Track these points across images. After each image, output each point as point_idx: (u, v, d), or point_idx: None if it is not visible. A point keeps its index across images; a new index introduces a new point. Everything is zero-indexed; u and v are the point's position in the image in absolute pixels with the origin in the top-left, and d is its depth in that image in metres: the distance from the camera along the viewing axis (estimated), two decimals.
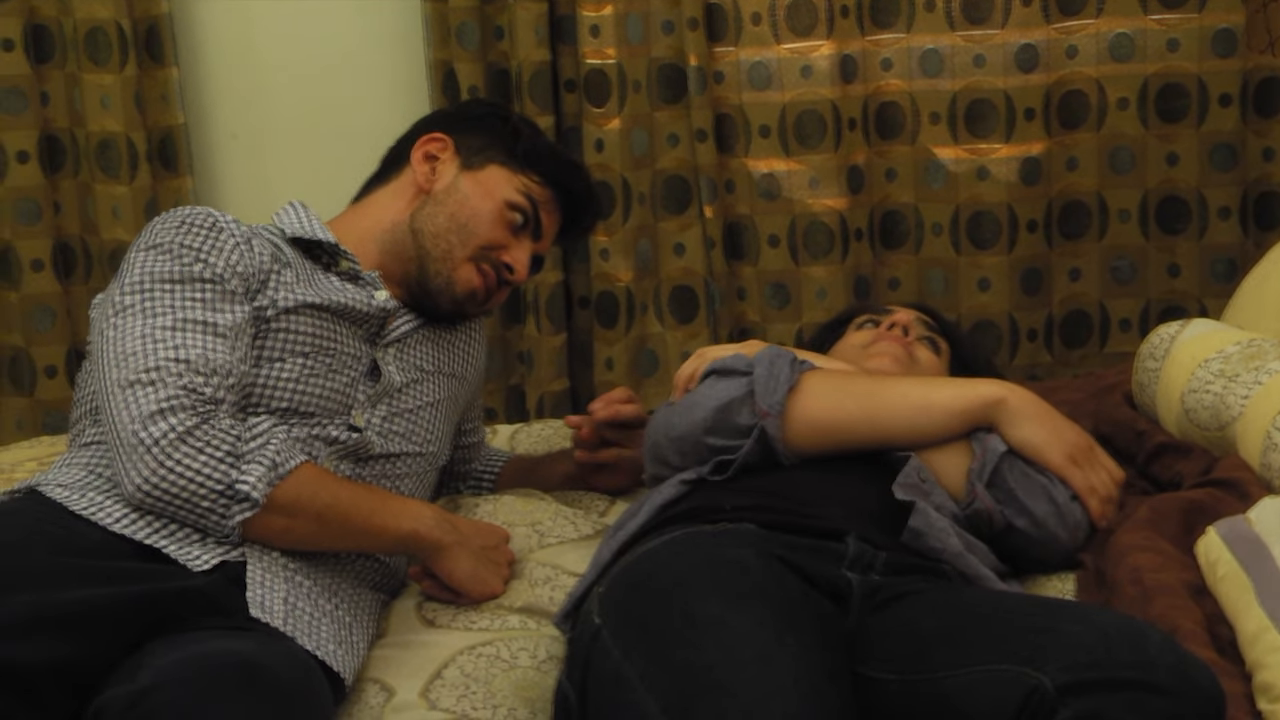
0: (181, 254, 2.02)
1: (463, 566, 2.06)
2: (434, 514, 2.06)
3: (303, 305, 2.08)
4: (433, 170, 2.30)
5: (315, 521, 1.94)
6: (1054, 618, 1.66)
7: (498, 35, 3.31)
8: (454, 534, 2.06)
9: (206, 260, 2.02)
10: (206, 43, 3.48)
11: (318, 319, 2.10)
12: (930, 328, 2.47)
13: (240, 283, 2.04)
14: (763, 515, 1.94)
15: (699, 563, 1.80)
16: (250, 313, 2.03)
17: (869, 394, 2.14)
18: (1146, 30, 3.16)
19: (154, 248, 2.04)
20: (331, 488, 1.97)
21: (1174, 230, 3.26)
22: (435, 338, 2.31)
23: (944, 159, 3.27)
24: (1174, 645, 1.60)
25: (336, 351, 2.11)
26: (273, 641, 1.80)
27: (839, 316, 2.61)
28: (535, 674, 1.92)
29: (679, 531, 1.94)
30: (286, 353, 2.05)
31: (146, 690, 1.61)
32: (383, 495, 2.07)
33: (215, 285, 2.01)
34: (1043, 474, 2.10)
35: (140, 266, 2.02)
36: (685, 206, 3.35)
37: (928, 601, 1.81)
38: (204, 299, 1.99)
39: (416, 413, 2.21)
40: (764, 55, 3.26)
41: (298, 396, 2.05)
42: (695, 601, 1.71)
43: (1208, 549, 1.88)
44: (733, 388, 2.14)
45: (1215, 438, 2.20)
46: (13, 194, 3.40)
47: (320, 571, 1.98)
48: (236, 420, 1.94)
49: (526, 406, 3.40)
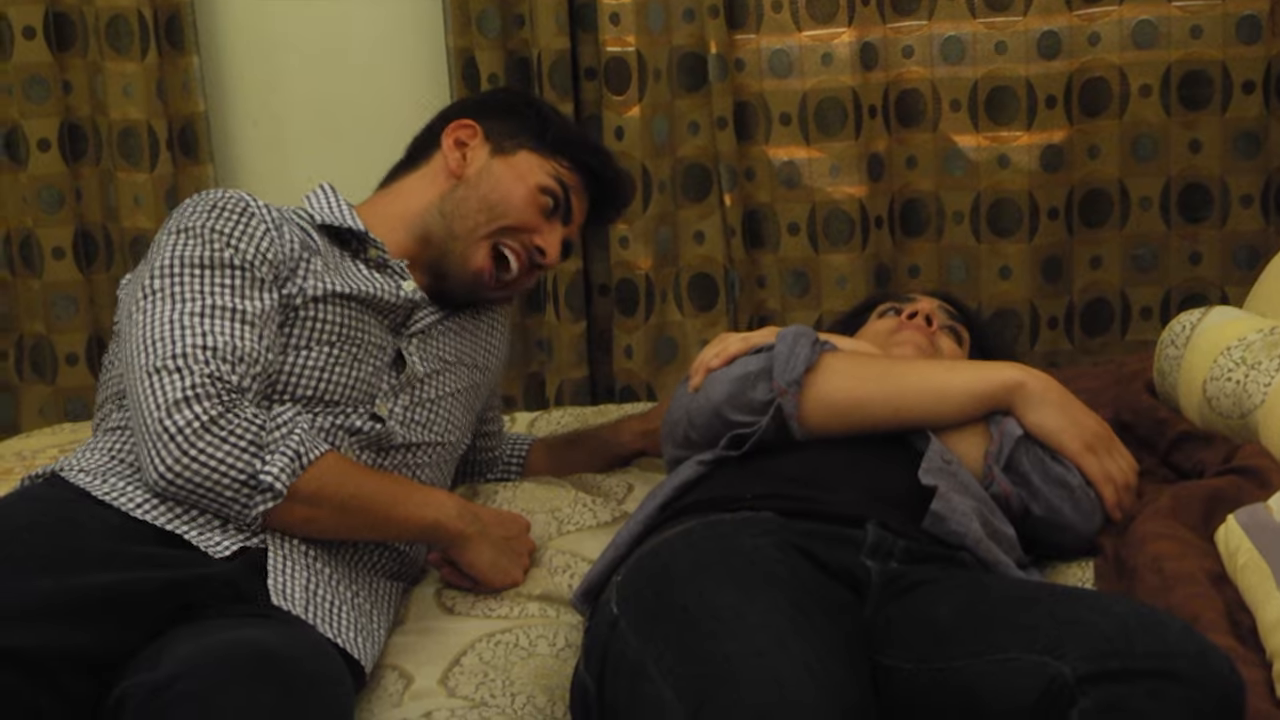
0: (212, 239, 2.02)
1: (484, 557, 2.06)
2: (456, 504, 2.07)
3: (331, 294, 2.08)
4: (464, 156, 2.30)
5: (338, 511, 1.94)
6: (1074, 607, 1.65)
7: (518, 23, 3.30)
8: (476, 524, 2.06)
9: (236, 246, 2.02)
10: (227, 30, 3.49)
11: (345, 308, 2.09)
12: (952, 316, 2.47)
13: (269, 270, 2.03)
14: (782, 503, 1.94)
15: (716, 552, 1.80)
16: (278, 300, 2.03)
17: (887, 375, 2.14)
18: (1170, 17, 3.15)
19: (184, 231, 2.03)
20: (355, 478, 1.97)
21: (1196, 218, 3.25)
22: (459, 328, 2.31)
23: (965, 147, 3.27)
24: (1194, 634, 1.59)
25: (363, 341, 2.11)
26: (293, 630, 1.80)
27: (861, 304, 2.61)
28: (554, 661, 1.92)
29: (697, 520, 1.94)
30: (313, 341, 2.05)
31: (169, 679, 1.61)
32: (406, 485, 2.07)
33: (244, 271, 2.01)
34: (1059, 460, 2.10)
35: (170, 250, 2.02)
36: (705, 194, 3.34)
37: (946, 590, 1.80)
38: (233, 285, 1.99)
39: (438, 403, 2.21)
40: (785, 43, 3.25)
41: (323, 385, 2.05)
42: (712, 591, 1.71)
43: (1228, 537, 1.88)
44: (752, 363, 2.15)
45: (1237, 425, 2.20)
46: (34, 182, 3.41)
47: (340, 559, 1.99)
48: (261, 409, 1.94)
49: (546, 394, 3.40)
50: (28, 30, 3.35)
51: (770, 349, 2.16)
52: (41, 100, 3.38)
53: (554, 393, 3.38)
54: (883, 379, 2.13)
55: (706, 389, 2.18)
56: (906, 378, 2.14)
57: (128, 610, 1.74)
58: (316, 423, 2.02)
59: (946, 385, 2.13)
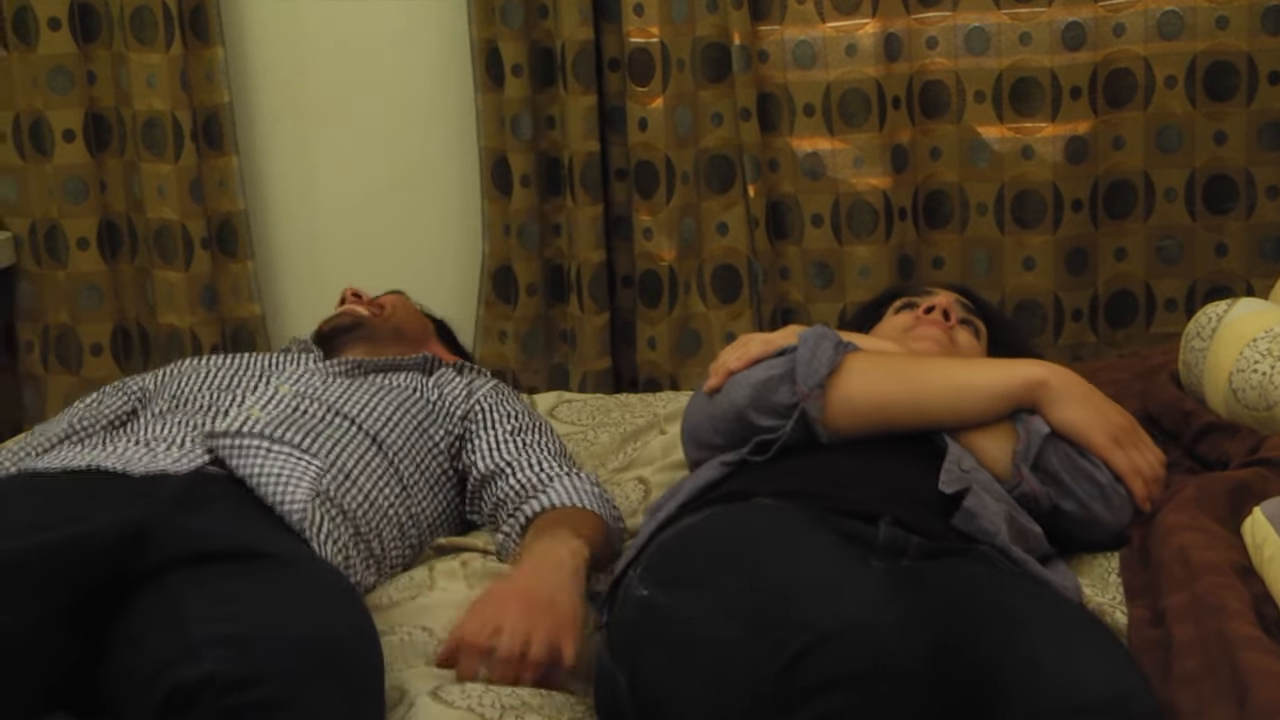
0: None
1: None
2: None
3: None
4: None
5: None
6: (1014, 652, 1.64)
7: (541, 13, 3.30)
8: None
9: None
10: (251, 22, 3.49)
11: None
12: (969, 309, 2.47)
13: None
14: (800, 500, 1.94)
15: (742, 523, 1.80)
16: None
17: (911, 376, 2.13)
18: (1195, 7, 3.13)
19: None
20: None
21: (1221, 209, 3.23)
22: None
23: (989, 138, 3.26)
24: (1116, 681, 1.60)
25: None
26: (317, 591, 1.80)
27: (877, 299, 2.61)
28: (583, 644, 1.92)
29: (716, 509, 1.94)
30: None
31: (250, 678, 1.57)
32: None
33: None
34: (1086, 456, 2.10)
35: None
36: (729, 185, 3.34)
37: (940, 598, 1.77)
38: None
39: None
40: (808, 34, 3.24)
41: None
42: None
43: (1254, 529, 1.87)
44: (774, 366, 2.14)
45: (1263, 417, 2.19)
46: (59, 172, 3.43)
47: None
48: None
49: (570, 385, 3.40)
50: (53, 21, 3.36)
51: (792, 350, 2.15)
52: (66, 91, 3.40)
53: (577, 384, 3.38)
54: (906, 380, 2.13)
55: (729, 392, 2.18)
56: (930, 378, 2.13)
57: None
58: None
59: (970, 385, 2.12)
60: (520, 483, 2.24)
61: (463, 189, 3.46)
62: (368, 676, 1.70)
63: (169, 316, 3.46)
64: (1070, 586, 1.95)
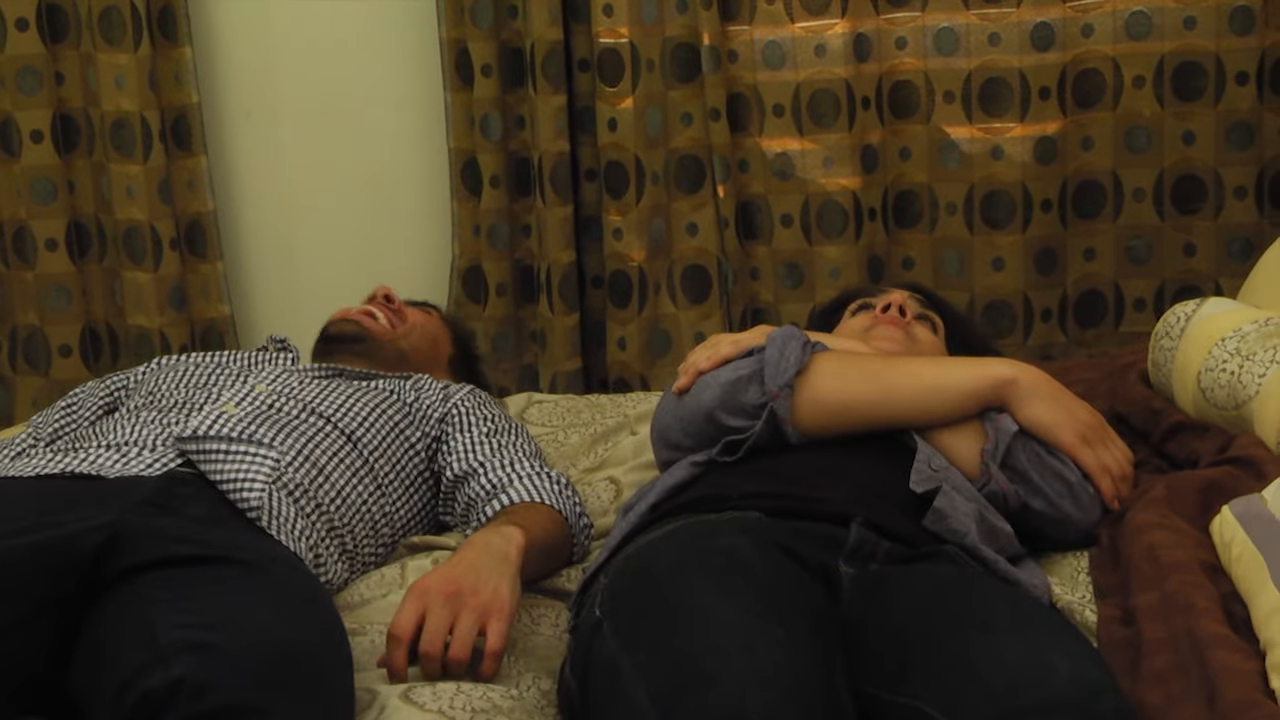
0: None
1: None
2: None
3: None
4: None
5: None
6: (981, 649, 1.64)
7: (511, 13, 3.30)
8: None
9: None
10: (220, 22, 3.48)
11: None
12: (924, 305, 2.47)
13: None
14: (769, 501, 1.94)
15: (693, 553, 1.79)
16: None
17: (880, 375, 2.13)
18: (1163, 8, 3.14)
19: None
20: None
21: (1190, 210, 3.24)
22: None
23: (958, 138, 3.26)
24: (1083, 680, 1.59)
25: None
26: (283, 591, 1.79)
27: (833, 302, 2.61)
28: (559, 644, 1.93)
29: (683, 521, 1.93)
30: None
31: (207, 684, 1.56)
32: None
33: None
34: (1055, 455, 2.10)
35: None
36: (699, 186, 3.34)
37: (898, 604, 1.78)
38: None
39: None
40: (778, 34, 3.25)
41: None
42: (686, 591, 1.69)
43: (1222, 528, 1.88)
44: (742, 366, 2.14)
45: (1232, 416, 2.20)
46: (27, 173, 3.41)
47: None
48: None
49: (540, 386, 3.40)
50: (20, 22, 3.35)
51: (761, 351, 2.15)
52: (34, 91, 3.38)
53: (547, 384, 3.38)
54: (875, 379, 2.13)
55: (698, 393, 2.17)
56: (898, 377, 2.13)
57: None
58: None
59: (939, 384, 2.13)
60: (491, 482, 2.24)
61: (432, 189, 3.46)
62: (337, 680, 1.70)
63: (138, 317, 3.44)
64: (1040, 585, 1.96)
